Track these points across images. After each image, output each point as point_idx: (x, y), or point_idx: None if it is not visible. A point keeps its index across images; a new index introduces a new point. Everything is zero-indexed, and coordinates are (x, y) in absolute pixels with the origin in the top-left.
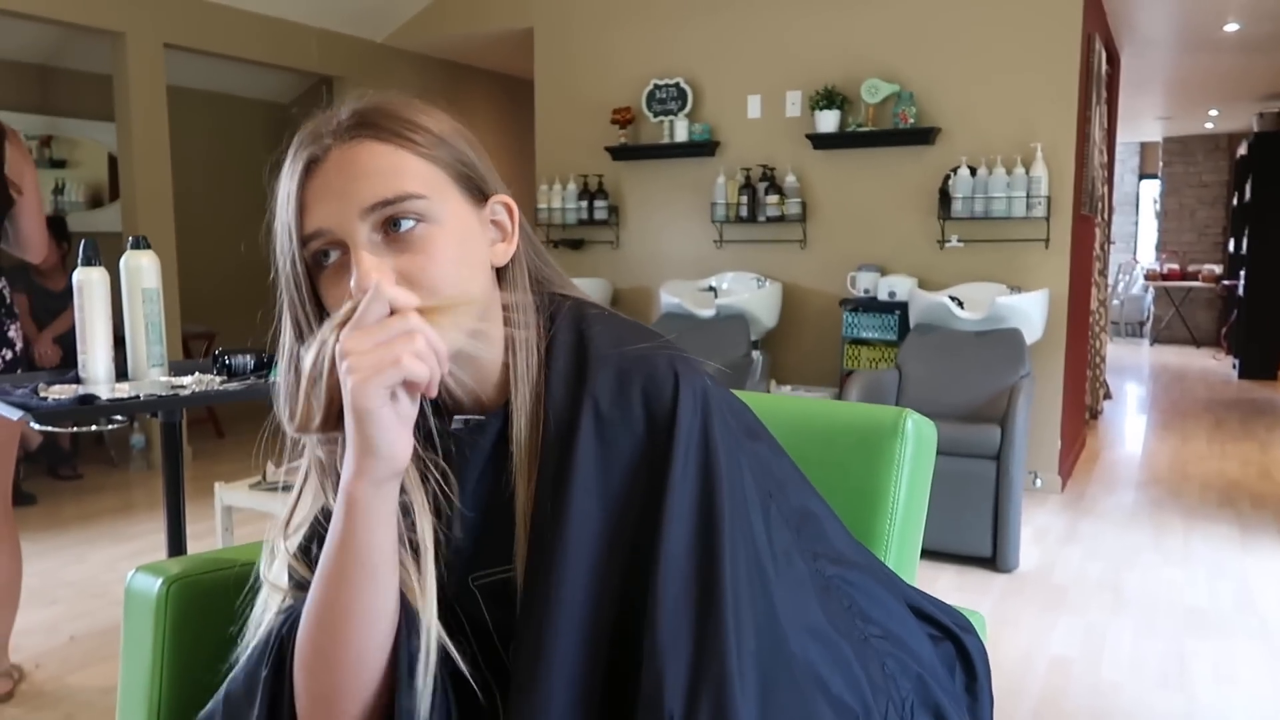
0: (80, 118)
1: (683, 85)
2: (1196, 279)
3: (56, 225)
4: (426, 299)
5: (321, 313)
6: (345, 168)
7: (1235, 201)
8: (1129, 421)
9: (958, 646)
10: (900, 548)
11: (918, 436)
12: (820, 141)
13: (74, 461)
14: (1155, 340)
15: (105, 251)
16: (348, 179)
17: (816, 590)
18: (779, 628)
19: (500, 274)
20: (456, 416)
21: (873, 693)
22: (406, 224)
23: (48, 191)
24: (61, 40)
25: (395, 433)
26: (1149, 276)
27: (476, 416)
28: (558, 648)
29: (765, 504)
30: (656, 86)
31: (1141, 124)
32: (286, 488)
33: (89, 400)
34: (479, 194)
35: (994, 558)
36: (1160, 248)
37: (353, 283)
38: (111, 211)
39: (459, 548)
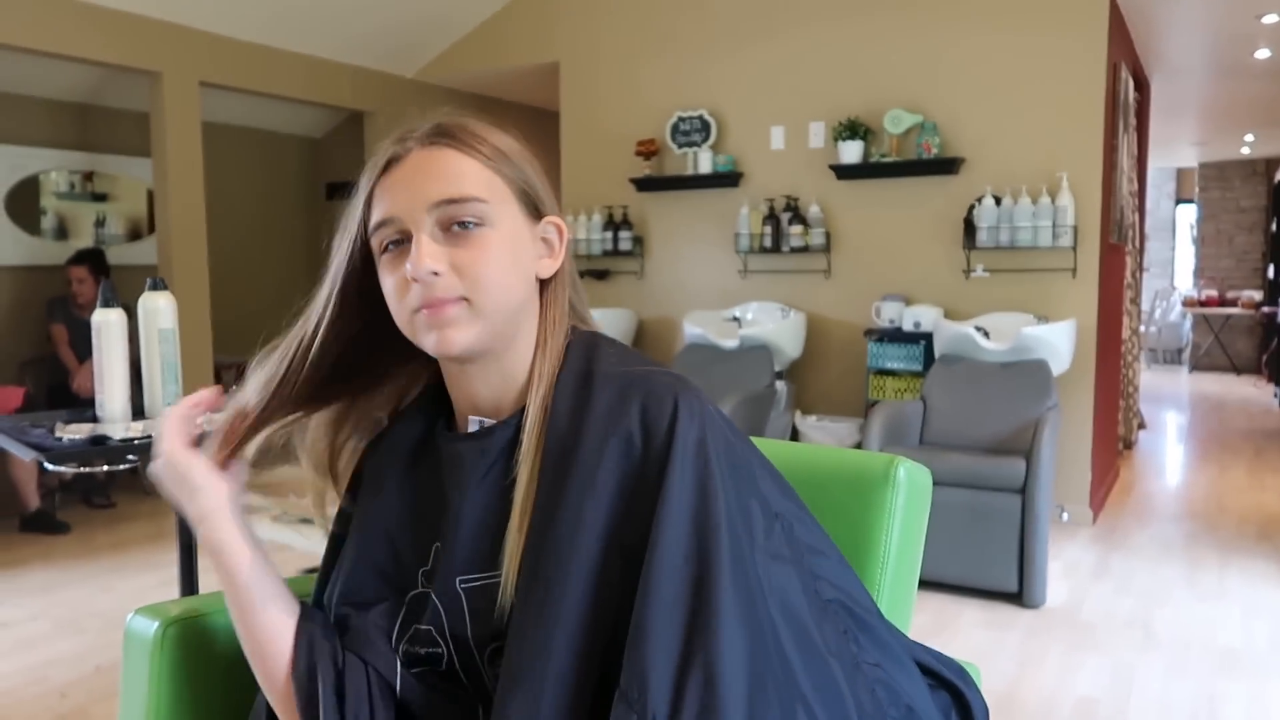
0: (120, 154)
1: (706, 117)
2: (1235, 305)
3: (96, 258)
4: (470, 289)
5: (367, 295)
6: (421, 167)
7: (1274, 227)
8: (1165, 452)
9: (955, 696)
10: (893, 598)
11: (910, 484)
12: (844, 172)
13: (108, 490)
14: (1194, 368)
15: (141, 283)
16: (422, 177)
17: (813, 610)
18: (771, 638)
19: (543, 289)
20: (472, 417)
21: (859, 717)
22: (467, 224)
23: (90, 225)
24: (101, 80)
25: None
26: (1187, 303)
27: (489, 420)
28: (553, 650)
29: (768, 524)
30: (680, 118)
31: (1176, 149)
32: (305, 520)
33: (101, 441)
34: (535, 211)
35: (1020, 593)
36: (1198, 274)
37: (408, 264)
38: (150, 244)
39: (450, 549)
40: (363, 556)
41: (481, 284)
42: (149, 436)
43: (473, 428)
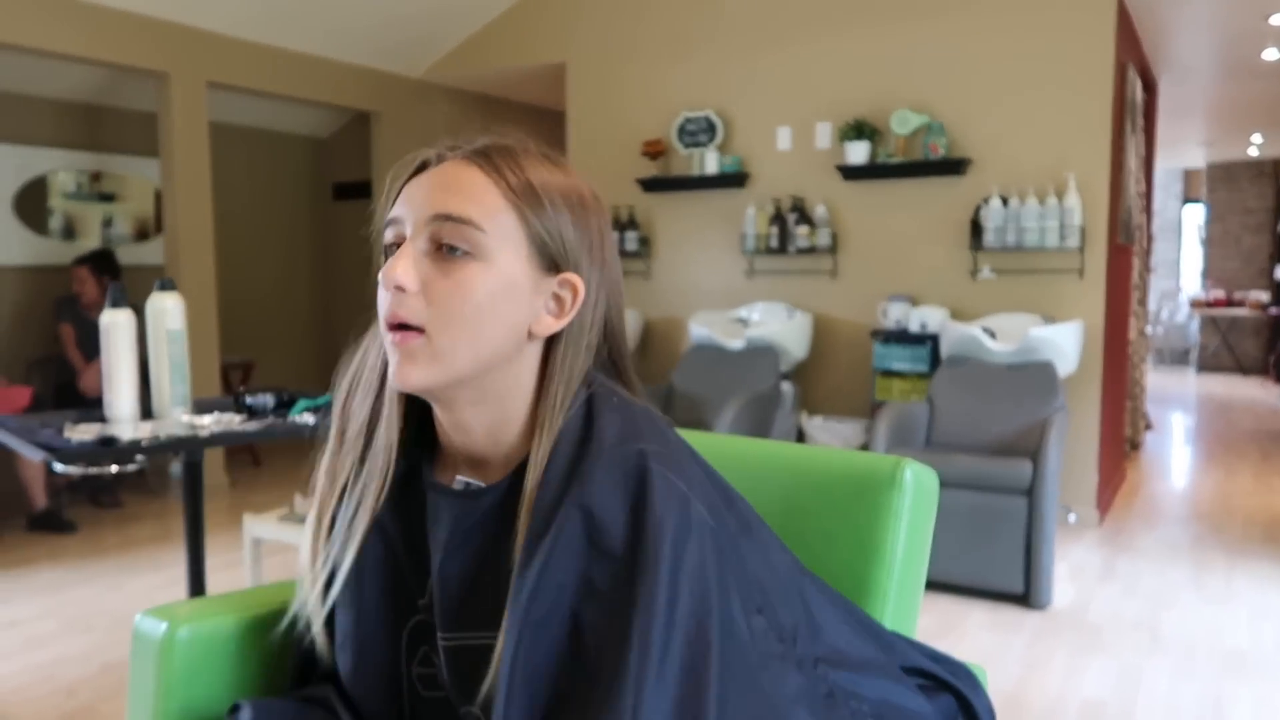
0: (127, 154)
1: (713, 117)
2: (1243, 306)
3: (97, 260)
4: (431, 321)
5: None
6: (440, 177)
7: None
8: (1171, 453)
9: (960, 699)
10: (899, 601)
11: (917, 486)
12: (850, 173)
13: (115, 490)
14: (1201, 369)
15: (149, 284)
16: (435, 186)
17: (819, 702)
18: None
19: (549, 348)
20: (458, 478)
21: None
22: (456, 249)
23: (97, 225)
24: (109, 81)
25: None
26: (1194, 304)
27: (476, 483)
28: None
29: (753, 619)
30: (687, 119)
31: (1183, 150)
32: None
33: (110, 442)
34: (551, 263)
35: (1026, 595)
36: (1205, 275)
37: (380, 273)
38: (158, 244)
39: (430, 606)
40: (368, 571)
41: (444, 319)
42: (156, 437)
43: (458, 485)
